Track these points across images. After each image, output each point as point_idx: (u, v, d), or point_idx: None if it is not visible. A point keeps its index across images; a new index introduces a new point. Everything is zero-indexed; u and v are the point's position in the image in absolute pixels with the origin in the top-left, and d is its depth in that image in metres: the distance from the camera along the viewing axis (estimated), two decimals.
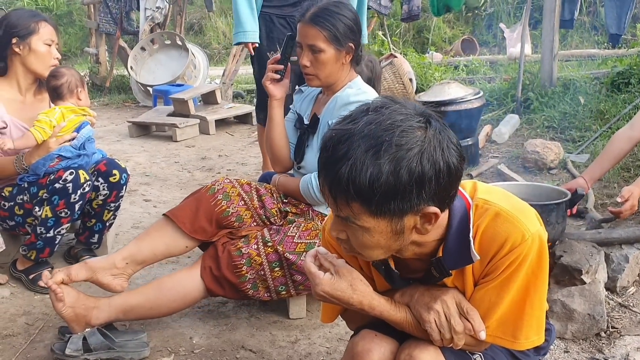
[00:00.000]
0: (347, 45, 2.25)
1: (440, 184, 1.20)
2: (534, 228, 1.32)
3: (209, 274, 2.21)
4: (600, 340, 2.25)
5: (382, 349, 1.43)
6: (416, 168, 1.16)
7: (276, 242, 2.23)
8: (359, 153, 1.17)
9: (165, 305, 2.21)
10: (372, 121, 1.19)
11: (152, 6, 7.62)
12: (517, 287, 1.34)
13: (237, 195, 2.34)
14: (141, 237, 2.34)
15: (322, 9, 2.23)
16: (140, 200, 3.94)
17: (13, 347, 2.24)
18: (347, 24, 2.23)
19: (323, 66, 2.25)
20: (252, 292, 2.24)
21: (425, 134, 1.19)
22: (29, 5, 13.01)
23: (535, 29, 7.85)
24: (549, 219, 2.33)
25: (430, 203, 1.21)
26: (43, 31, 2.69)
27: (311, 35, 2.22)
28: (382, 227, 1.23)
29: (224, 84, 6.81)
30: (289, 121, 2.53)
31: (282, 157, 2.47)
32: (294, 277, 2.24)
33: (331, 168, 1.20)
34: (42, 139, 2.56)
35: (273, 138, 2.44)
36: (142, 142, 5.66)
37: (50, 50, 2.72)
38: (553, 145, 4.09)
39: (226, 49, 11.12)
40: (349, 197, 1.19)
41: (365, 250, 1.30)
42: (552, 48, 5.30)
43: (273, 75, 2.39)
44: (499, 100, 5.53)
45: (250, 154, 5.12)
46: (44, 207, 2.53)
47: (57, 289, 2.08)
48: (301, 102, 2.54)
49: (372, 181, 1.16)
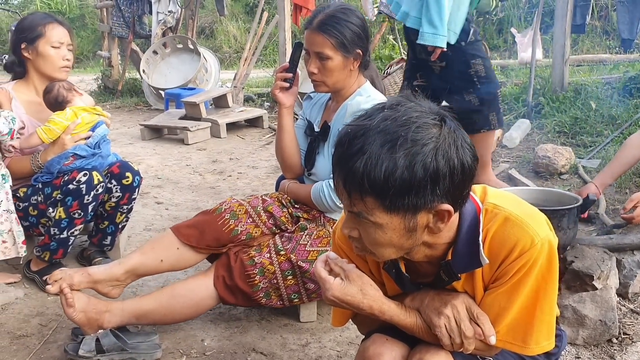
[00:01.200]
0: (354, 52, 2.25)
1: (454, 181, 1.20)
2: (544, 233, 1.32)
3: (222, 283, 2.22)
4: (612, 346, 2.24)
5: (393, 353, 1.43)
6: (431, 164, 1.17)
7: (289, 250, 2.24)
8: (374, 148, 1.18)
9: (178, 311, 2.23)
10: (387, 117, 1.21)
11: (165, 10, 7.68)
12: (527, 292, 1.34)
13: (244, 213, 2.34)
14: (146, 250, 2.31)
15: (329, 16, 2.22)
16: (152, 202, 3.97)
17: (27, 347, 2.27)
18: (354, 30, 2.22)
19: (330, 73, 2.25)
20: (265, 301, 2.25)
21: (440, 131, 1.20)
22: (42, 8, 13.17)
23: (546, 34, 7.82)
24: (560, 224, 2.33)
25: (444, 200, 1.22)
26: (50, 34, 2.72)
27: (318, 43, 2.22)
28: (395, 224, 1.23)
29: (235, 88, 6.84)
30: (299, 128, 2.53)
31: (293, 164, 2.48)
32: (306, 285, 2.25)
33: (346, 162, 1.20)
34: (47, 138, 2.60)
35: (283, 145, 2.45)
36: (154, 145, 5.70)
37: (60, 52, 2.74)
38: (564, 151, 4.07)
39: (237, 52, 11.17)
40: (363, 191, 1.20)
41: (377, 248, 1.30)
42: (564, 53, 5.29)
43: (282, 84, 2.40)
44: (510, 105, 5.52)
45: (260, 157, 5.15)
46: (57, 208, 2.56)
47: (69, 294, 2.08)
48: (311, 108, 2.55)
49: (387, 175, 1.17)
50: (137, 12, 7.95)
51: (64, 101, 2.70)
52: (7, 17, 14.19)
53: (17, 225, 2.62)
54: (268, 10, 7.60)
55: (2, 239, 2.58)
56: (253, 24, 7.44)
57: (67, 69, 2.79)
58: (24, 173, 2.69)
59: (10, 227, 2.60)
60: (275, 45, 9.41)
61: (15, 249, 2.62)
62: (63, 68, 2.77)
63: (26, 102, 2.77)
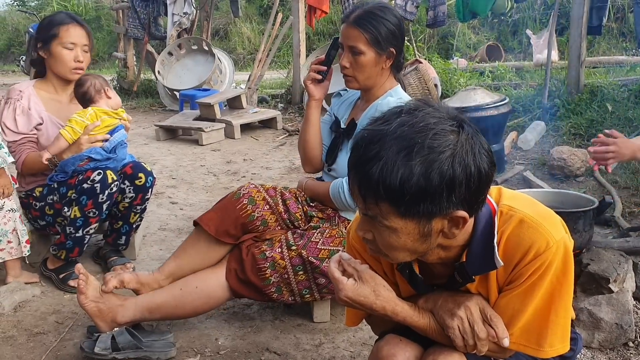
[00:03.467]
0: (388, 50, 2.24)
1: (470, 188, 1.20)
2: (559, 235, 1.31)
3: (234, 276, 2.24)
4: (628, 350, 2.22)
5: (406, 354, 1.43)
6: (447, 171, 1.17)
7: (300, 246, 2.25)
8: (390, 154, 1.17)
9: (190, 304, 2.24)
10: (405, 123, 1.20)
11: (180, 12, 7.73)
12: (542, 295, 1.33)
13: (262, 199, 2.36)
14: (178, 254, 2.37)
15: (367, 12, 2.22)
16: (167, 202, 3.99)
17: (44, 344, 2.30)
18: (390, 28, 2.22)
19: (362, 68, 2.25)
20: (277, 296, 2.26)
21: (457, 137, 1.20)
22: (58, 9, 13.30)
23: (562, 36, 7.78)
24: (575, 227, 2.31)
25: (459, 207, 1.21)
26: (64, 34, 2.73)
27: (352, 37, 2.22)
28: (409, 229, 1.23)
29: (249, 89, 6.87)
30: (325, 123, 2.53)
31: (313, 157, 2.48)
32: (317, 280, 2.26)
33: (362, 167, 1.20)
34: (72, 139, 2.63)
35: (307, 138, 2.45)
36: (169, 146, 5.74)
37: (72, 53, 2.74)
38: (580, 153, 4.04)
39: (251, 54, 11.22)
40: (378, 197, 1.19)
41: (391, 252, 1.30)
42: (580, 54, 5.25)
43: (315, 75, 2.40)
44: (525, 107, 5.49)
45: (274, 158, 5.16)
46: (72, 207, 2.59)
47: (80, 281, 2.17)
48: (339, 105, 2.55)
49: (403, 182, 1.16)
50: (153, 14, 8.01)
51: (90, 100, 2.74)
52: (25, 19, 14.37)
53: (21, 224, 2.64)
54: (282, 12, 7.63)
55: (7, 239, 2.60)
56: (267, 26, 7.46)
57: (79, 70, 2.79)
58: (41, 168, 2.71)
59: (14, 227, 2.60)
60: (289, 47, 9.43)
61: (20, 249, 2.64)
62: (75, 70, 2.77)
63: (46, 100, 2.81)
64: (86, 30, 2.82)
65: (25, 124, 2.72)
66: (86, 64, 2.82)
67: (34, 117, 2.74)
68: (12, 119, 2.72)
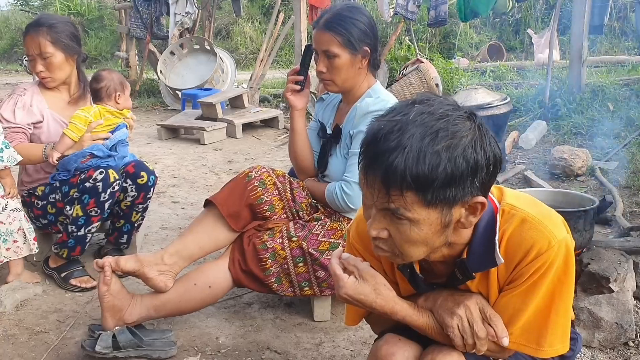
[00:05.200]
0: (362, 49, 2.26)
1: (489, 172, 1.22)
2: (561, 235, 1.31)
3: (237, 266, 2.26)
4: (628, 349, 2.22)
5: (405, 353, 1.43)
6: (472, 155, 1.18)
7: (301, 237, 2.26)
8: (414, 141, 1.16)
9: (194, 297, 2.24)
10: (423, 111, 1.20)
11: (182, 11, 7.74)
12: (542, 294, 1.33)
13: (272, 184, 2.36)
14: (185, 233, 2.34)
15: (335, 14, 2.24)
16: (168, 201, 4.00)
17: (45, 343, 2.30)
18: (361, 28, 2.24)
19: (339, 71, 2.27)
20: (277, 287, 2.27)
21: (473, 124, 1.22)
22: (61, 9, 13.33)
23: (563, 35, 7.76)
24: (576, 226, 2.31)
25: (479, 192, 1.23)
26: (25, 48, 2.73)
27: (325, 41, 2.24)
28: (432, 219, 1.22)
29: (251, 89, 6.88)
30: (312, 130, 2.55)
31: (306, 167, 2.49)
32: (317, 273, 2.27)
33: (384, 158, 1.18)
34: (77, 137, 2.64)
35: (297, 149, 2.47)
36: (171, 145, 5.75)
37: (34, 65, 2.72)
38: (581, 152, 4.04)
39: (253, 53, 11.22)
40: (405, 186, 1.18)
41: (408, 248, 1.27)
42: (581, 54, 5.25)
43: (293, 87, 2.42)
44: (526, 106, 5.49)
45: (276, 158, 5.17)
46: (74, 206, 2.60)
47: (108, 271, 2.11)
48: (323, 110, 2.56)
49: (431, 169, 1.16)
50: (155, 14, 8.02)
51: (99, 99, 2.77)
52: (28, 19, 14.38)
53: (27, 222, 2.64)
54: (284, 12, 7.63)
55: (13, 238, 2.60)
56: (269, 25, 7.47)
57: (46, 79, 2.74)
58: (32, 160, 2.69)
59: (20, 226, 2.60)
60: (291, 47, 9.44)
61: (28, 246, 2.64)
62: (43, 80, 2.75)
63: (49, 97, 2.82)
64: (42, 36, 2.67)
65: (24, 117, 2.72)
66: (52, 68, 2.72)
67: (35, 114, 2.75)
68: (10, 111, 2.72)
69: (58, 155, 2.63)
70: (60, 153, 2.64)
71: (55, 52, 2.71)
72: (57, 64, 2.73)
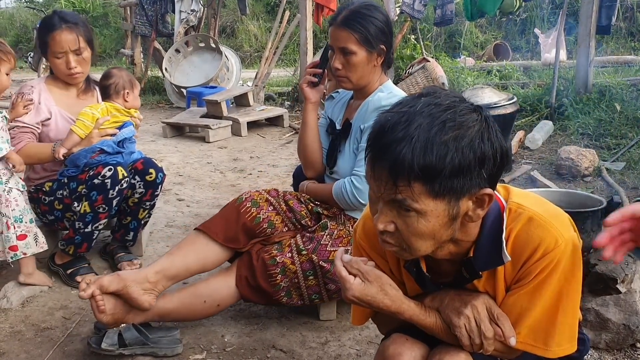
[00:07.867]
0: (378, 47, 2.26)
1: (496, 164, 1.22)
2: (568, 234, 1.31)
3: (245, 283, 2.24)
4: (635, 351, 2.21)
5: (412, 353, 1.43)
6: (479, 146, 1.19)
7: (310, 250, 2.24)
8: (422, 132, 1.17)
9: (200, 310, 2.25)
10: (430, 102, 1.21)
11: (187, 9, 7.75)
12: (550, 294, 1.32)
13: (265, 201, 2.36)
14: (173, 251, 2.28)
15: (353, 12, 2.24)
16: (174, 199, 4.01)
17: (51, 339, 2.31)
18: (378, 26, 2.24)
19: (355, 68, 2.26)
20: (286, 300, 2.27)
21: (479, 115, 1.22)
22: (66, 6, 13.35)
23: (570, 35, 7.74)
24: (583, 227, 2.31)
25: (486, 184, 1.23)
26: (53, 44, 2.69)
27: (342, 38, 2.23)
28: (439, 210, 1.22)
29: (256, 87, 6.88)
30: (321, 126, 2.54)
31: (314, 161, 2.48)
32: (327, 285, 2.26)
33: (392, 149, 1.18)
34: (84, 133, 2.65)
35: (307, 142, 2.46)
36: (176, 143, 5.76)
37: (63, 62, 2.71)
38: (587, 153, 4.03)
39: (258, 51, 11.23)
40: (412, 176, 1.17)
41: (415, 241, 1.27)
42: (588, 54, 5.23)
43: (311, 79, 2.43)
44: (533, 106, 5.47)
45: (281, 156, 5.17)
46: (82, 202, 2.60)
47: (100, 301, 2.05)
48: (332, 107, 2.56)
49: (439, 158, 1.16)
50: (160, 11, 8.03)
51: (108, 96, 2.78)
52: (32, 15, 14.43)
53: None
54: (289, 10, 7.63)
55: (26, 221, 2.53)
56: (274, 23, 7.46)
57: (75, 75, 2.76)
58: (42, 159, 2.71)
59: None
60: (296, 45, 9.43)
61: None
62: (69, 76, 2.76)
63: (56, 94, 2.83)
64: (77, 32, 2.70)
65: (33, 117, 2.73)
66: (84, 64, 2.76)
67: (43, 112, 2.75)
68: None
69: (65, 151, 2.64)
70: (67, 149, 2.65)
71: (87, 47, 2.75)
72: (88, 59, 2.78)
